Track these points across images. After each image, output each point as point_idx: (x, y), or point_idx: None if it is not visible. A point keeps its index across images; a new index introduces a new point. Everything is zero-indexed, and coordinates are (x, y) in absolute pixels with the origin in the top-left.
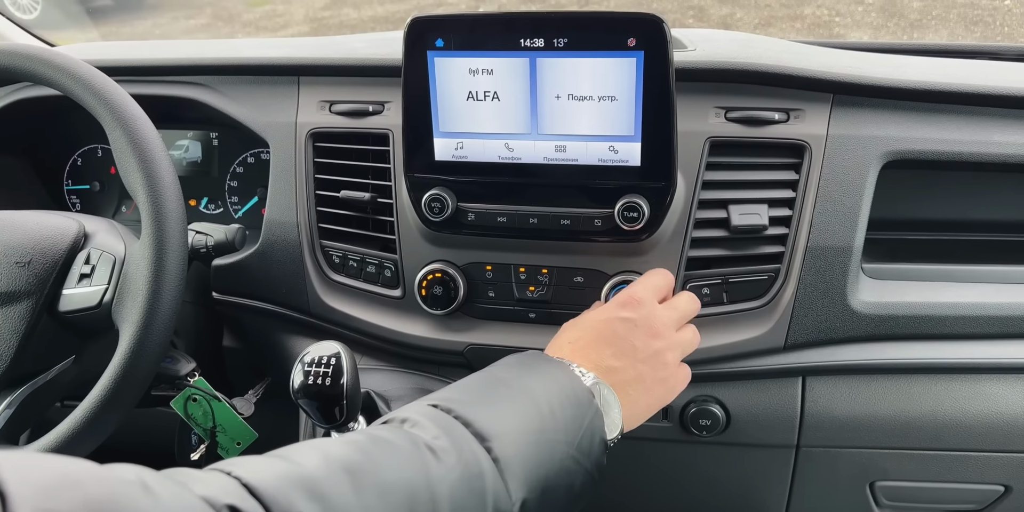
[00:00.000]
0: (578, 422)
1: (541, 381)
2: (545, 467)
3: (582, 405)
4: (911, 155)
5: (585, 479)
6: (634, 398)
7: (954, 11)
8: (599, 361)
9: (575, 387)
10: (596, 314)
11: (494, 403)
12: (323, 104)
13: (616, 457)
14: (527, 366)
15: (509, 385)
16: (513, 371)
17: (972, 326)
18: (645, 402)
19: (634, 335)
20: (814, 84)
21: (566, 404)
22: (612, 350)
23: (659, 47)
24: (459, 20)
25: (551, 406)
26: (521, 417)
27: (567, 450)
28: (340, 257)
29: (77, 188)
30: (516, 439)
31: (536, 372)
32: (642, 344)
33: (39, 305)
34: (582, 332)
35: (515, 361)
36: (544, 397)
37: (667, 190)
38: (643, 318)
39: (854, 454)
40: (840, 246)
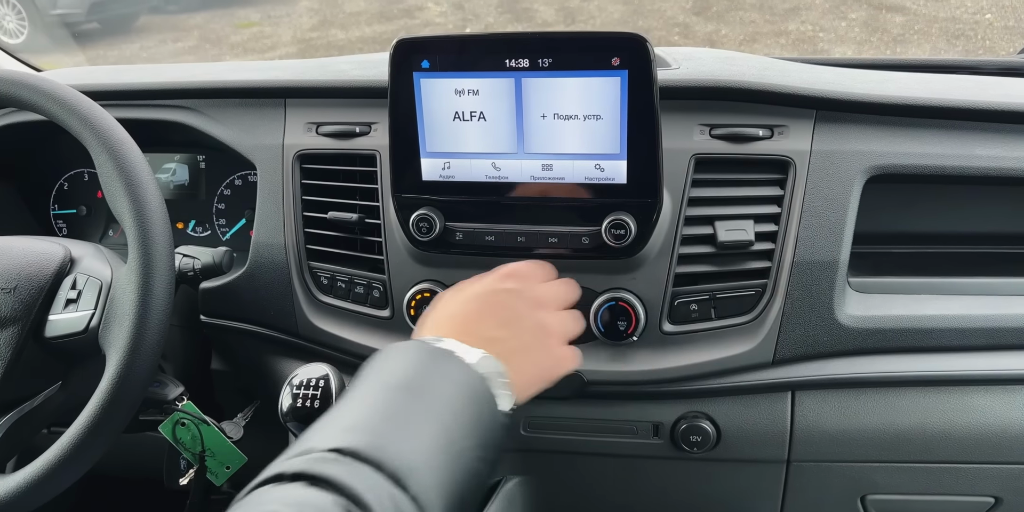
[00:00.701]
0: (479, 419)
1: (437, 385)
2: (459, 480)
3: (479, 397)
4: (894, 169)
5: (491, 469)
6: (520, 368)
7: (936, 26)
8: (483, 332)
9: (470, 380)
10: (478, 285)
11: (397, 426)
12: (310, 126)
13: (605, 475)
14: (419, 366)
15: (406, 398)
16: (404, 376)
17: (959, 338)
18: (532, 372)
19: (517, 305)
20: (797, 100)
21: (465, 402)
22: (496, 320)
23: (643, 66)
24: (444, 41)
25: (453, 412)
26: (429, 436)
27: (475, 453)
28: (328, 278)
29: (63, 213)
30: (429, 465)
31: (429, 373)
32: (526, 313)
33: (25, 331)
34: (463, 305)
35: (403, 361)
36: (445, 404)
37: (653, 207)
38: (527, 289)
39: (845, 468)
40: (826, 260)
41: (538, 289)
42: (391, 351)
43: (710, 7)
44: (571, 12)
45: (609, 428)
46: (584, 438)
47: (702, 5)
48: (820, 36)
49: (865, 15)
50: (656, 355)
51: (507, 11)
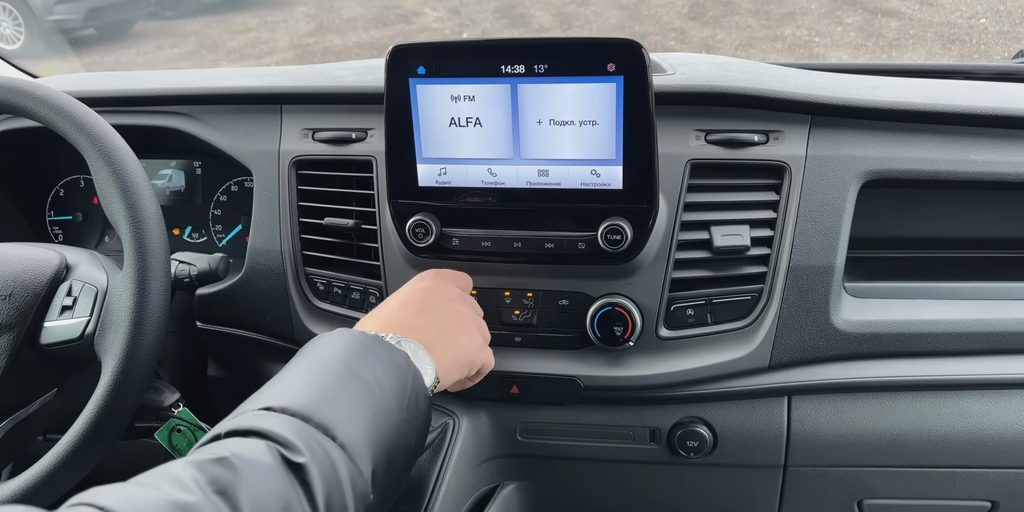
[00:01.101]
0: (403, 387)
1: (363, 360)
2: (384, 437)
3: (402, 370)
4: (889, 174)
5: (418, 435)
6: (442, 349)
7: (931, 30)
8: (404, 321)
9: (393, 356)
10: (398, 291)
11: (325, 391)
12: (306, 132)
13: (603, 481)
14: (346, 347)
15: (334, 371)
16: (334, 355)
17: (955, 343)
18: (454, 353)
19: (433, 298)
20: (792, 106)
21: (390, 374)
22: (413, 312)
23: (638, 72)
24: (440, 48)
25: (378, 381)
26: (354, 398)
27: (400, 415)
28: (324, 284)
29: (59, 219)
30: (355, 420)
31: (356, 352)
32: (442, 303)
33: (20, 338)
34: (384, 305)
35: (330, 344)
36: (370, 373)
37: (649, 213)
38: (441, 287)
39: (841, 473)
40: (822, 265)
41: (451, 288)
42: (319, 338)
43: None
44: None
45: (606, 433)
46: (580, 443)
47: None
48: (816, 41)
49: (860, 20)
50: (653, 360)
51: (504, 16)
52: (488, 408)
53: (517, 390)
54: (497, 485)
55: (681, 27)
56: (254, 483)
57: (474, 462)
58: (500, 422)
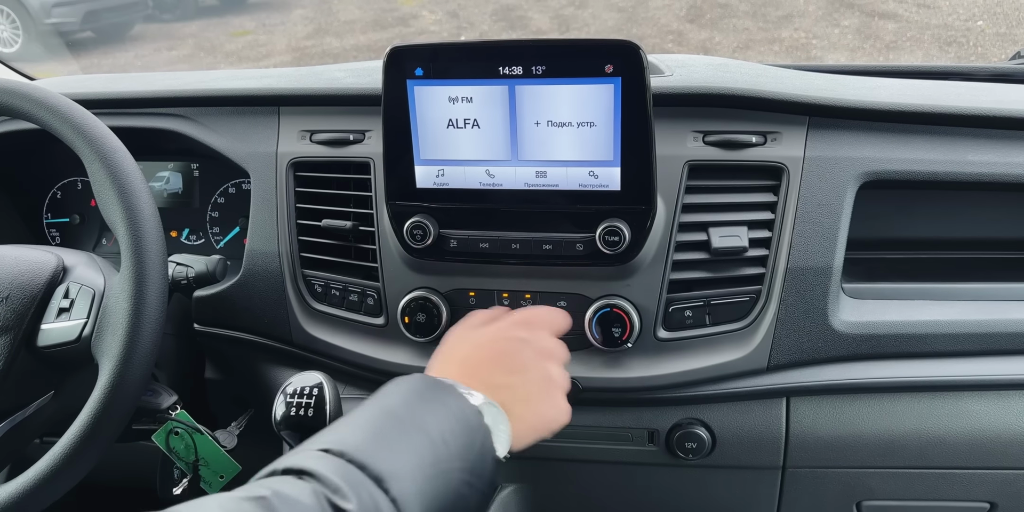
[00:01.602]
0: (470, 446)
1: (430, 409)
2: (441, 497)
3: (472, 428)
4: (887, 175)
5: (480, 499)
6: (522, 416)
7: (928, 32)
8: (489, 379)
9: (464, 410)
10: (490, 330)
11: (387, 440)
12: (304, 134)
13: (602, 483)
14: (416, 394)
15: (399, 418)
16: (402, 401)
17: (953, 344)
18: (532, 422)
19: (526, 354)
20: (790, 107)
21: (457, 430)
22: (503, 369)
23: (636, 73)
24: (438, 49)
25: (443, 435)
26: (415, 451)
27: (462, 476)
28: (322, 286)
29: (57, 221)
30: (412, 475)
31: (425, 400)
32: (534, 364)
33: (17, 340)
34: (473, 350)
35: (403, 390)
36: (436, 426)
37: (647, 214)
38: (536, 339)
39: (840, 474)
40: (820, 267)
41: (548, 340)
42: (394, 382)
43: (704, 15)
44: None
45: (604, 435)
46: (579, 445)
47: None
48: (813, 43)
49: (858, 22)
50: (651, 362)
51: (502, 19)
52: None
53: None
54: (496, 487)
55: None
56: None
57: None
58: None
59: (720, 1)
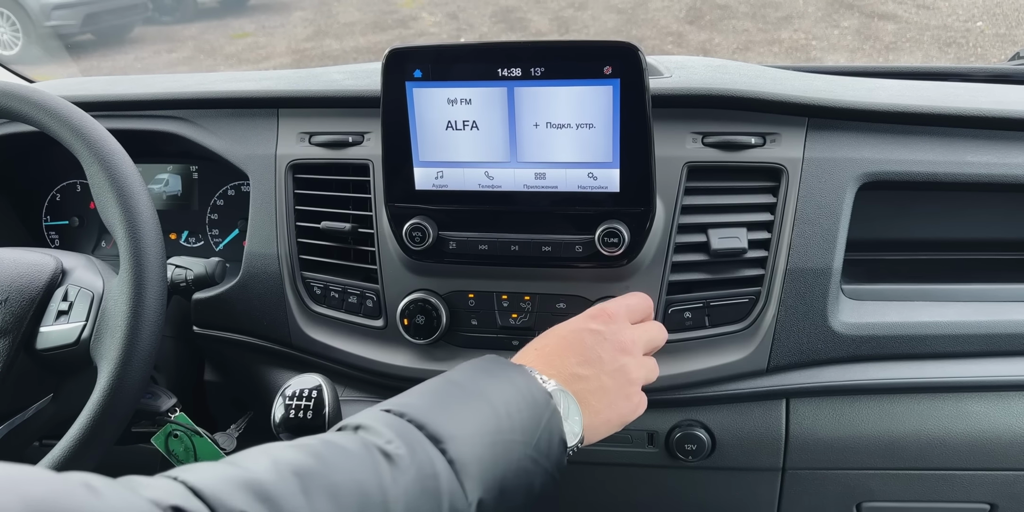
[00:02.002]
0: (535, 422)
1: (496, 383)
2: (502, 467)
3: (539, 406)
4: (886, 176)
5: (545, 479)
6: (596, 409)
7: (928, 33)
8: (564, 368)
9: (532, 389)
10: (567, 324)
11: (448, 406)
12: (303, 136)
13: (601, 484)
14: (484, 370)
15: (464, 388)
16: (468, 375)
17: (953, 345)
18: (607, 415)
19: (602, 347)
20: (789, 108)
21: (522, 405)
22: (578, 359)
23: (635, 75)
24: (436, 51)
25: (507, 408)
26: (476, 419)
27: (524, 450)
28: (321, 288)
29: (56, 224)
30: (471, 440)
31: (492, 375)
32: (609, 357)
33: (16, 343)
34: (549, 340)
35: (472, 366)
36: (500, 399)
37: (646, 215)
38: (613, 332)
39: (840, 475)
40: (819, 268)
41: (625, 332)
42: (469, 361)
43: (703, 16)
44: (565, 21)
45: None
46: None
47: (695, 14)
48: (813, 44)
49: (857, 23)
50: None
51: (501, 21)
52: None
53: None
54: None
55: (678, 31)
56: (337, 467)
57: None
58: None
59: (720, 2)
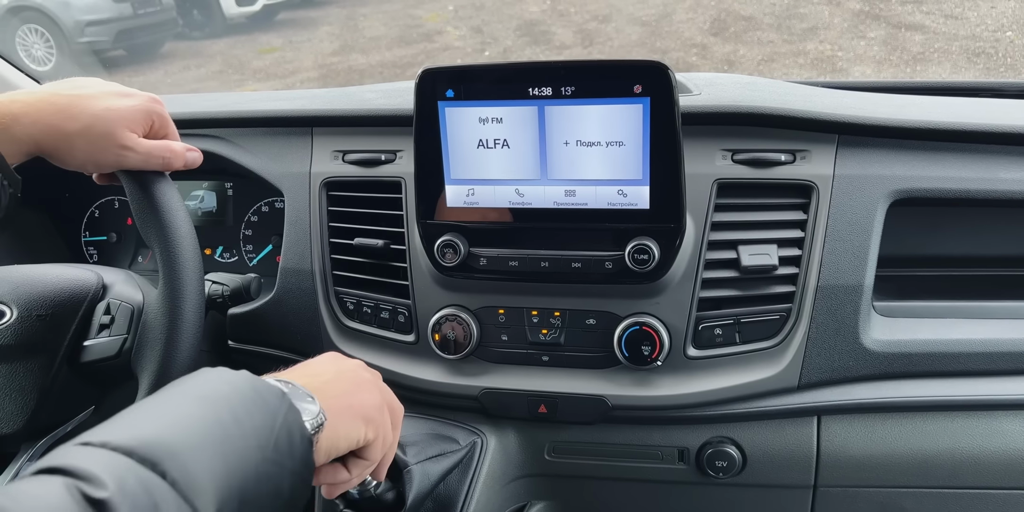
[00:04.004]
0: (269, 423)
1: (214, 388)
2: (238, 477)
3: (270, 406)
4: (918, 193)
5: (293, 479)
6: (333, 395)
7: (956, 44)
8: (293, 375)
9: (259, 389)
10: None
11: (160, 423)
12: (336, 154)
13: (632, 500)
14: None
15: (175, 400)
16: (184, 385)
17: (987, 362)
18: (347, 402)
19: (333, 361)
20: (819, 125)
21: (252, 408)
22: (307, 371)
23: (665, 93)
24: (469, 71)
25: (234, 413)
26: (198, 429)
27: (261, 454)
28: (354, 303)
29: (94, 239)
30: (196, 454)
31: (206, 381)
32: (344, 365)
33: (60, 357)
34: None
35: (189, 376)
36: (224, 405)
37: (676, 232)
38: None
39: (872, 493)
40: (850, 285)
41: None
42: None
43: (728, 28)
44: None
45: (634, 453)
46: (609, 463)
47: (720, 26)
48: (839, 55)
49: (884, 34)
50: (681, 380)
51: (525, 34)
52: (516, 427)
53: (545, 409)
54: (525, 504)
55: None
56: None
57: (502, 481)
58: (528, 441)
59: (744, 14)
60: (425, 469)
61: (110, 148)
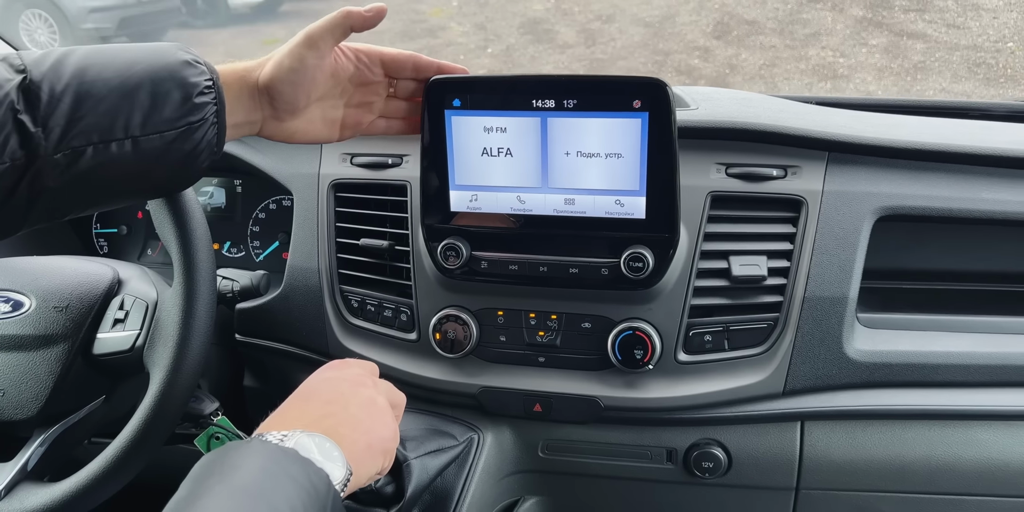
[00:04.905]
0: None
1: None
2: None
3: (321, 496)
4: (903, 210)
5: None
6: (353, 439)
7: (957, 53)
8: (312, 412)
9: (310, 477)
10: (303, 382)
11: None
12: (345, 156)
13: (621, 498)
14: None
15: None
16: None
17: (964, 374)
18: (366, 441)
19: (340, 385)
20: (810, 142)
21: (308, 502)
22: (321, 400)
23: (663, 109)
24: (476, 82)
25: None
26: None
27: None
28: (359, 302)
29: (105, 231)
30: None
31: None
32: (350, 391)
33: (75, 348)
34: (289, 401)
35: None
36: (285, 504)
37: (671, 242)
38: (348, 374)
39: (852, 497)
40: (836, 296)
41: (354, 369)
42: (231, 453)
43: (730, 31)
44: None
45: (624, 452)
46: (599, 461)
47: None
48: (840, 62)
49: (886, 42)
50: (671, 383)
51: (528, 32)
52: (512, 425)
53: (540, 408)
54: (518, 499)
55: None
56: None
57: (497, 476)
58: (523, 438)
59: (747, 18)
60: (424, 463)
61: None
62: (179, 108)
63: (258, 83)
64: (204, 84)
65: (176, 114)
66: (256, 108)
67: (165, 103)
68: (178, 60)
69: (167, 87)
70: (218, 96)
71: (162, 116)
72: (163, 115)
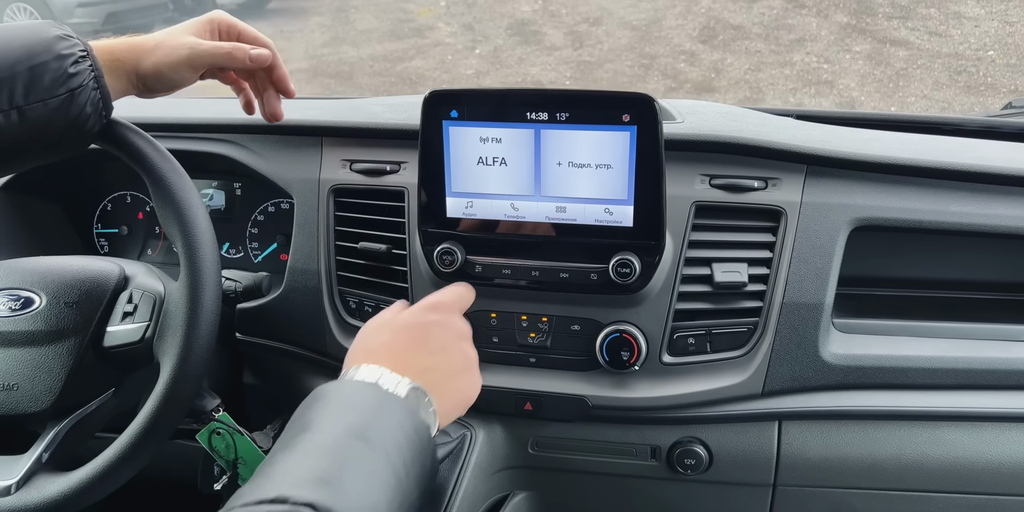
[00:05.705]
0: (425, 471)
1: (381, 424)
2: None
3: (426, 450)
4: (877, 221)
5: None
6: (447, 393)
7: (939, 61)
8: (414, 362)
9: (419, 431)
10: (406, 316)
11: (358, 480)
12: (344, 162)
13: (607, 493)
14: (363, 409)
15: (367, 446)
16: (346, 420)
17: (932, 378)
18: (456, 398)
19: (444, 336)
20: (790, 156)
21: (415, 453)
22: (425, 350)
23: (650, 123)
24: (473, 95)
25: (406, 466)
26: (386, 493)
27: (417, 503)
28: (357, 303)
29: (106, 231)
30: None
31: (374, 416)
32: (451, 342)
33: (85, 341)
34: (394, 334)
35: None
36: (399, 457)
37: (657, 248)
38: (449, 321)
39: (826, 493)
40: (812, 302)
41: (459, 321)
42: (332, 391)
43: (716, 36)
44: (579, 36)
45: (610, 449)
46: (587, 458)
47: (709, 34)
48: (824, 68)
49: (869, 48)
50: (655, 384)
51: (516, 34)
52: (503, 422)
53: (530, 406)
54: (508, 494)
55: (691, 50)
56: None
57: (488, 472)
58: (514, 435)
59: (733, 22)
60: None
61: (180, 49)
62: (57, 77)
63: (136, 71)
64: (79, 54)
65: (55, 83)
66: (130, 87)
67: (44, 73)
68: (51, 35)
69: (43, 58)
70: (94, 64)
71: (42, 84)
72: (43, 84)
